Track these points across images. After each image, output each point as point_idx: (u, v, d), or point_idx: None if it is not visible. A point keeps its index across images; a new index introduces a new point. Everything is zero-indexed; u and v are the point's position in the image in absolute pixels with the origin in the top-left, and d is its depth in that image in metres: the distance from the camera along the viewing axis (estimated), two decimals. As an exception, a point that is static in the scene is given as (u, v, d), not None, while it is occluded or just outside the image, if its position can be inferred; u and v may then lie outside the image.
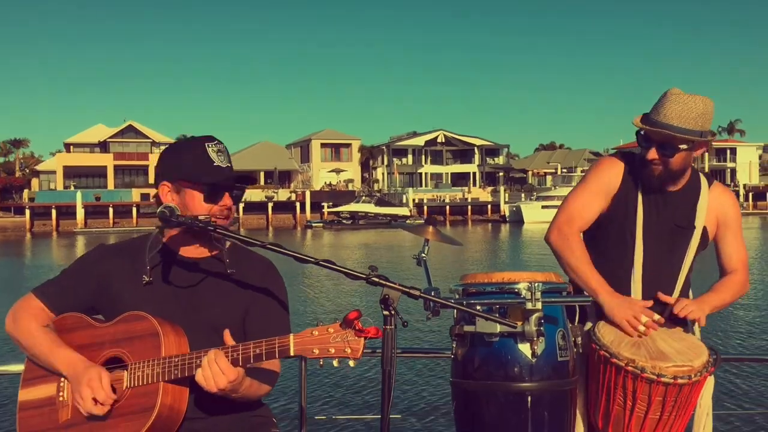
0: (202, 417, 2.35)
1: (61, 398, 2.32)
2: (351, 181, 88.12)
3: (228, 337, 2.22)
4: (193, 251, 2.48)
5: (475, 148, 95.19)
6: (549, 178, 77.09)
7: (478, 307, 2.51)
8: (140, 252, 2.43)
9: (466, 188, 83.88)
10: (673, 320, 2.91)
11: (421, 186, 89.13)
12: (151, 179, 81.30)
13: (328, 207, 71.62)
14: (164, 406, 2.20)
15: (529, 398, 2.59)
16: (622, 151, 3.23)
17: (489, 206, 77.98)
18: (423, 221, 3.29)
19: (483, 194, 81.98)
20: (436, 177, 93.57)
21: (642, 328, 2.72)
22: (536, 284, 2.54)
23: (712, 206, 3.06)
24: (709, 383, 2.91)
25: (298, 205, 73.49)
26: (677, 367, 2.63)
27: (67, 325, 2.38)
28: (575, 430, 2.85)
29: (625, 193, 3.01)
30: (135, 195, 73.53)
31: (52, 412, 2.31)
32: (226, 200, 2.43)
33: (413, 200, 76.86)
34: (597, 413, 2.82)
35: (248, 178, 2.51)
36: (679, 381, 2.62)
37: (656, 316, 2.77)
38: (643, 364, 2.62)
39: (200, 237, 2.46)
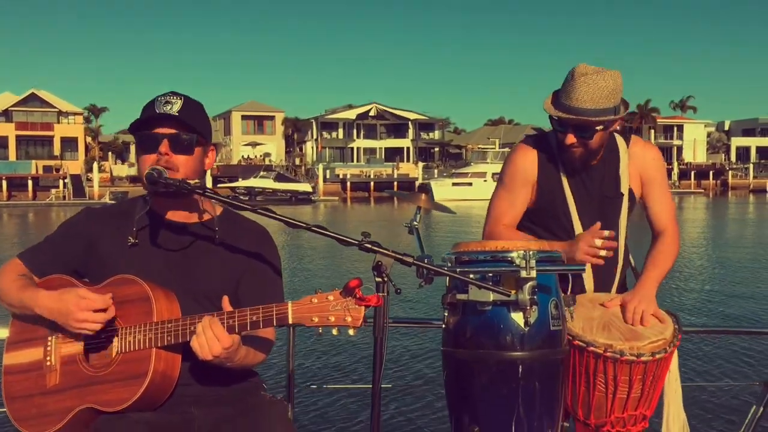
0: (194, 383, 2.39)
1: (48, 363, 2.34)
2: (268, 155, 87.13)
3: (227, 304, 2.25)
4: (181, 216, 2.50)
5: (409, 122, 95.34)
6: (490, 153, 77.54)
7: (471, 276, 2.59)
8: (127, 215, 2.45)
9: (396, 164, 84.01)
10: (620, 289, 3.17)
11: (352, 161, 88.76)
12: (56, 150, 78.11)
13: (228, 182, 70.08)
14: (157, 372, 2.24)
15: (520, 367, 2.67)
16: (533, 135, 3.30)
17: (416, 183, 78.29)
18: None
19: (414, 170, 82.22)
20: (369, 152, 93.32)
21: (603, 253, 2.86)
22: (530, 252, 2.62)
23: (634, 166, 3.18)
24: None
25: (211, 179, 72.45)
26: (653, 343, 2.79)
27: (53, 287, 2.39)
28: None
29: (547, 177, 3.13)
30: (37, 167, 71.22)
31: (39, 377, 2.33)
32: (162, 147, 2.37)
33: (339, 175, 76.44)
34: (576, 403, 2.92)
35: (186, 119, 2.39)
36: (657, 356, 2.79)
37: (605, 233, 2.87)
38: (621, 347, 2.76)
39: (189, 201, 2.49)
